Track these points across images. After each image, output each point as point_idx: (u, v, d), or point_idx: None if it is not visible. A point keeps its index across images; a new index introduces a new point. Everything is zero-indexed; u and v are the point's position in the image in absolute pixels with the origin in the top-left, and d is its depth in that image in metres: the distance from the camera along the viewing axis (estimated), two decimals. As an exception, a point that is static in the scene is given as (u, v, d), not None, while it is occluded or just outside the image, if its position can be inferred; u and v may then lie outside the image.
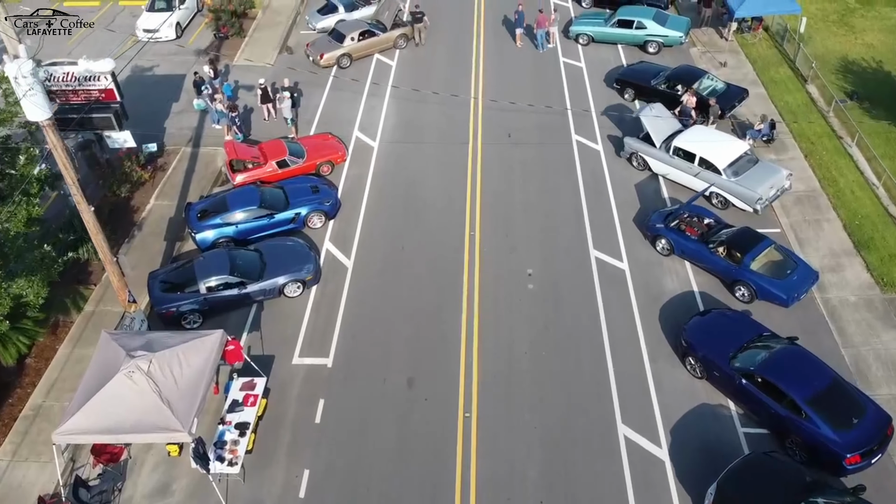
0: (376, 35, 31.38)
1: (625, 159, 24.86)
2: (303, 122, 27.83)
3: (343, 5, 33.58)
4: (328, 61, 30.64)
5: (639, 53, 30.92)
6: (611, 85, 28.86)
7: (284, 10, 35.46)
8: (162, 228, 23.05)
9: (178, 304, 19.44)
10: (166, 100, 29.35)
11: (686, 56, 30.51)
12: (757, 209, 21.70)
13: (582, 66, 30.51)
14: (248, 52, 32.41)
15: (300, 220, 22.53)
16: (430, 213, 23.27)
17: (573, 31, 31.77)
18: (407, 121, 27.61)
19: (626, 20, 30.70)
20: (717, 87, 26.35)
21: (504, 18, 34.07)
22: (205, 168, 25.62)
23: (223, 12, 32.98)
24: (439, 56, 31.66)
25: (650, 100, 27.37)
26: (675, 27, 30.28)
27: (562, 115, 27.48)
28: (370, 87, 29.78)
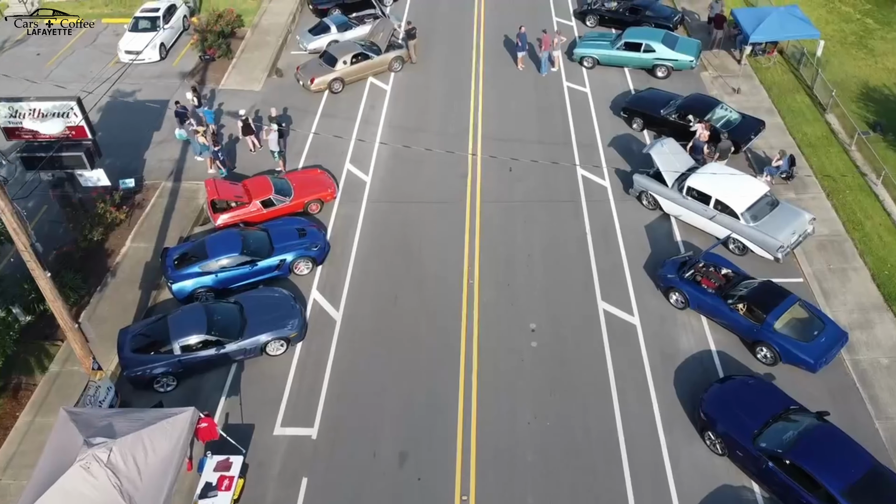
0: (370, 58, 29.77)
1: (634, 197, 23.26)
2: (291, 153, 26.22)
3: (335, 25, 31.98)
4: (319, 86, 29.04)
5: (646, 77, 29.32)
6: (618, 113, 27.24)
7: (274, 29, 33.84)
8: (137, 275, 21.44)
9: (149, 366, 17.83)
10: (147, 128, 27.72)
11: (697, 81, 28.90)
12: (778, 258, 20.10)
13: (587, 91, 28.89)
14: (236, 75, 30.79)
15: (285, 267, 20.93)
16: (425, 257, 21.66)
17: (577, 53, 30.15)
18: (402, 151, 25.95)
19: (633, 43, 29.08)
20: (732, 118, 24.75)
21: (505, 38, 32.45)
22: (186, 205, 24.00)
23: (209, 33, 31.36)
24: (437, 79, 30.04)
25: (660, 130, 25.89)
26: (686, 50, 28.66)
27: (566, 145, 25.89)
28: (363, 113, 28.18)
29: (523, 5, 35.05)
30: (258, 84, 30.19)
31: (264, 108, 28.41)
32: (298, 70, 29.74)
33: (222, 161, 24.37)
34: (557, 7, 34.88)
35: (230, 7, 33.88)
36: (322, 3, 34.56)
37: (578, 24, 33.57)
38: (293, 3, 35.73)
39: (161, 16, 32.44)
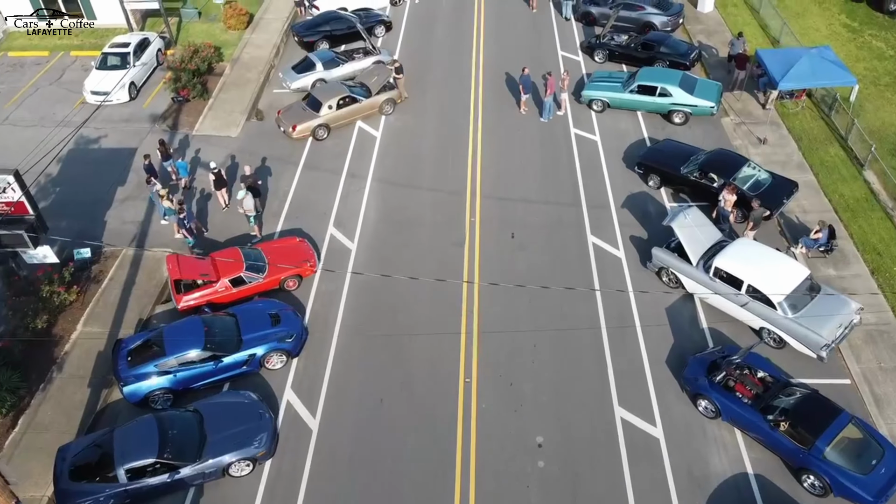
0: (359, 101, 27.08)
1: (653, 272, 20.61)
2: (269, 213, 23.56)
3: (321, 62, 29.28)
4: (302, 133, 26.36)
5: (662, 122, 26.65)
6: (631, 166, 24.57)
7: (256, 65, 31.14)
8: (88, 368, 18.77)
9: (89, 499, 15.17)
10: (111, 182, 25.05)
11: (718, 128, 26.23)
12: (822, 357, 17.44)
13: (597, 139, 26.21)
14: (212, 118, 28.08)
15: (255, 362, 18.28)
16: (416, 348, 18.99)
17: (586, 96, 27.47)
18: (392, 213, 23.33)
19: (647, 86, 26.39)
20: (761, 178, 22.09)
21: (506, 76, 29.77)
22: (148, 279, 21.32)
23: (183, 72, 28.66)
24: (431, 124, 27.35)
25: (679, 189, 23.23)
26: (706, 95, 25.98)
27: (575, 206, 23.22)
28: (350, 165, 25.50)
29: (526, 38, 32.40)
30: (236, 129, 27.50)
31: (241, 156, 25.81)
32: (280, 114, 27.05)
33: (189, 229, 21.67)
34: (563, 40, 32.20)
35: (207, 41, 31.19)
36: (307, 35, 31.90)
37: (586, 60, 30.88)
38: (277, 36, 33.05)
39: (132, 52, 29.72)
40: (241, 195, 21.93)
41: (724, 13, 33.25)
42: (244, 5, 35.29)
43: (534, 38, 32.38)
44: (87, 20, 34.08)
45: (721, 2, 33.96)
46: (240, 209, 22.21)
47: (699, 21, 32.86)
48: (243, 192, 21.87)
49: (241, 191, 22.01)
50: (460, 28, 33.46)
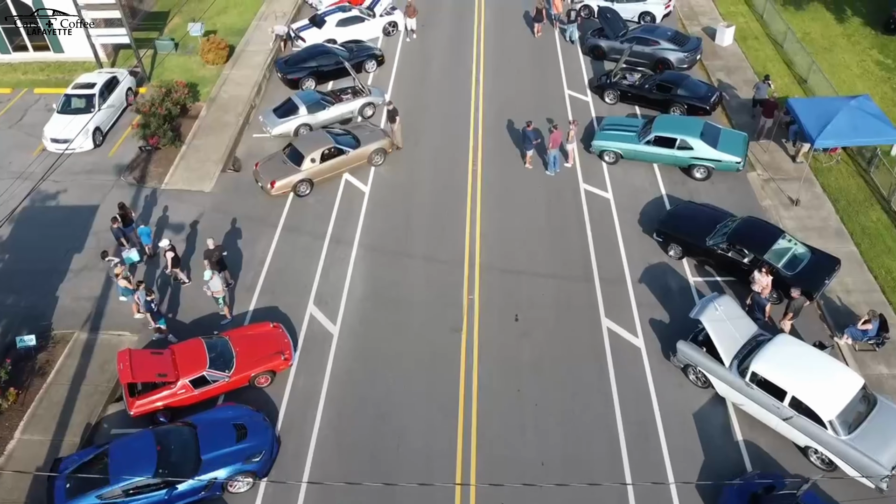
0: (346, 153, 24.44)
1: (678, 367, 17.98)
2: (242, 287, 20.95)
3: (306, 105, 26.61)
4: (281, 190, 23.74)
5: (681, 176, 24.03)
6: (649, 229, 21.96)
7: (235, 105, 28.50)
8: (22, 490, 16.14)
9: None
10: (67, 247, 22.45)
11: (743, 184, 23.60)
12: (882, 489, 14.81)
13: (609, 196, 23.57)
14: (183, 169, 25.44)
15: (217, 486, 15.65)
16: (404, 464, 16.34)
17: (596, 146, 24.83)
18: (380, 288, 20.69)
19: (665, 138, 23.76)
20: (798, 253, 19.46)
21: (508, 122, 27.12)
22: (100, 371, 18.70)
23: (153, 117, 26.00)
24: (425, 179, 24.70)
25: (703, 261, 20.60)
26: (730, 149, 23.33)
27: (586, 281, 20.59)
28: (335, 227, 22.88)
29: (529, 75, 29.77)
30: (209, 182, 24.86)
31: (213, 216, 23.21)
32: (257, 167, 24.41)
33: (155, 314, 19.00)
34: (570, 78, 29.56)
35: (181, 80, 28.54)
36: (292, 72, 29.27)
37: (595, 100, 28.24)
38: (258, 71, 30.41)
39: (98, 93, 27.06)
40: (207, 276, 19.29)
41: (745, 47, 30.63)
42: (225, 34, 32.74)
43: (538, 76, 29.73)
44: (55, 53, 31.46)
45: (741, 34, 31.34)
46: (207, 291, 19.56)
47: (718, 56, 30.23)
48: (209, 273, 19.24)
49: (207, 271, 19.36)
50: (458, 63, 30.84)
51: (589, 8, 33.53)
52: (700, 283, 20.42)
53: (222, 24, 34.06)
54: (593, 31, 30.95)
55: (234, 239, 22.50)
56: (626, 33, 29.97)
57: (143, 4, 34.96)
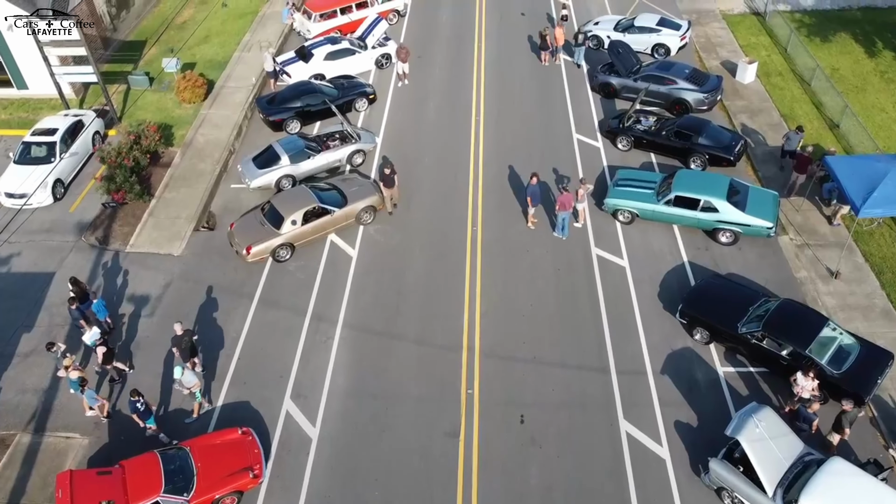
0: (331, 213, 21.95)
1: (710, 489, 15.49)
2: (210, 375, 18.42)
3: (288, 154, 24.10)
4: (258, 256, 21.24)
5: (703, 239, 21.57)
6: (670, 306, 19.50)
7: (211, 151, 25.99)
8: None
9: None
10: (15, 325, 19.96)
11: (774, 251, 21.12)
12: None
13: (624, 263, 21.08)
14: (151, 228, 22.95)
15: None
16: None
17: (609, 204, 22.34)
18: (366, 380, 18.20)
19: (687, 198, 21.27)
20: (845, 344, 16.99)
21: (510, 171, 24.64)
22: (42, 485, 16.22)
23: (119, 168, 23.50)
24: (419, 243, 22.18)
25: (733, 348, 18.12)
26: (761, 211, 20.84)
27: (601, 372, 18.10)
28: (317, 300, 20.40)
29: (534, 117, 27.26)
30: (179, 244, 22.36)
31: (180, 287, 20.73)
32: (232, 228, 21.91)
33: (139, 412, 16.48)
34: (579, 120, 27.05)
35: (153, 124, 26.02)
36: (275, 113, 26.77)
37: (607, 146, 25.75)
38: (239, 111, 27.90)
39: (60, 140, 24.56)
40: (177, 373, 16.76)
41: (769, 85, 28.13)
42: (205, 67, 30.28)
43: (543, 117, 27.23)
44: (18, 90, 28.95)
45: (764, 69, 28.84)
46: (181, 390, 17.09)
47: (739, 95, 27.73)
48: (179, 370, 16.72)
49: (177, 368, 16.81)
50: (456, 101, 28.33)
51: (598, 38, 31.06)
52: (731, 375, 17.94)
53: (202, 55, 31.57)
54: (603, 67, 28.46)
55: (204, 315, 20.02)
56: (639, 69, 27.51)
57: (116, 34, 32.45)
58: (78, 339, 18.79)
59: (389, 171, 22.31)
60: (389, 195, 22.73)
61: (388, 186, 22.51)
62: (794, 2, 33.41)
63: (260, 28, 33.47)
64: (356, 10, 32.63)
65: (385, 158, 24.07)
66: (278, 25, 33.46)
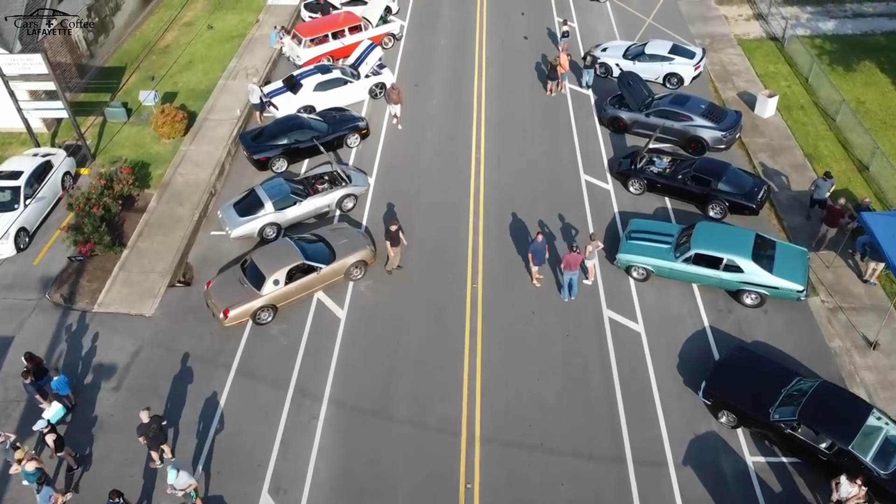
0: (318, 271, 20.03)
1: None
2: (180, 459, 16.48)
3: (272, 200, 22.20)
4: (237, 320, 19.32)
5: (726, 300, 19.67)
6: (691, 380, 17.64)
7: (191, 193, 24.07)
8: None
9: None
10: (-33, 401, 18.06)
11: (804, 314, 19.21)
12: None
13: (639, 329, 19.16)
14: (122, 284, 21.03)
15: None
16: None
17: (622, 260, 20.44)
18: (353, 472, 16.28)
19: (708, 256, 19.35)
20: (893, 437, 15.07)
21: (512, 220, 22.74)
22: None
23: (87, 217, 21.59)
24: (415, 301, 20.28)
25: (764, 434, 16.21)
26: (790, 272, 18.92)
27: (617, 462, 16.18)
28: (300, 371, 18.50)
29: (539, 157, 25.36)
30: (152, 303, 20.44)
31: (151, 354, 18.79)
32: (209, 288, 19.98)
33: None
34: (587, 159, 25.15)
35: (131, 156, 24.16)
36: (260, 151, 24.86)
37: (617, 188, 23.85)
38: (222, 147, 25.98)
39: (25, 183, 22.64)
40: (171, 478, 14.71)
41: (790, 120, 26.21)
42: (186, 97, 28.40)
43: (549, 155, 25.32)
44: (-16, 123, 27.02)
45: (784, 102, 26.93)
46: (177, 493, 15.14)
47: (759, 131, 25.82)
48: (174, 474, 14.66)
49: (171, 471, 14.75)
50: (455, 137, 26.42)
51: (606, 66, 29.16)
52: (761, 466, 16.04)
53: (184, 83, 29.65)
54: (612, 100, 26.56)
55: (175, 389, 18.11)
56: (651, 102, 25.62)
57: (93, 60, 30.51)
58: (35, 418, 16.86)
59: (396, 228, 20.20)
60: (394, 255, 20.64)
61: (393, 245, 20.41)
62: (813, 26, 31.51)
63: (247, 53, 31.55)
64: (349, 35, 30.75)
65: (391, 211, 21.83)
66: (267, 50, 31.56)
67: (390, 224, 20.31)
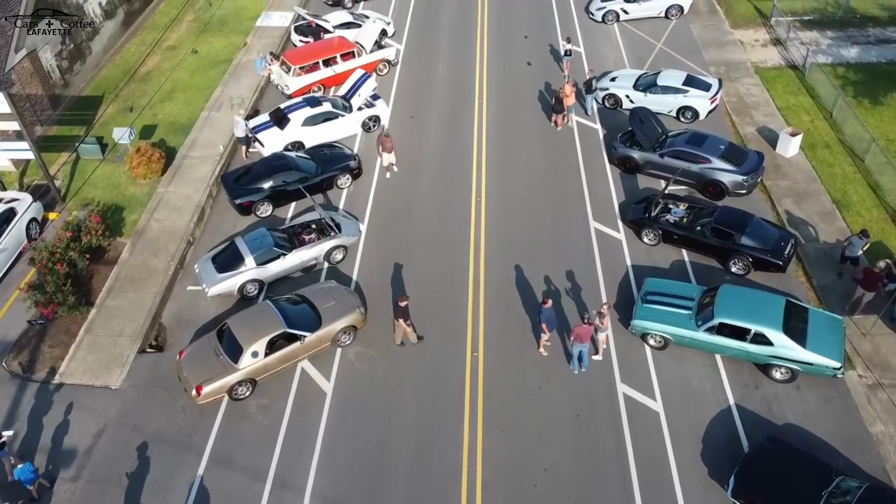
0: (301, 339, 18.12)
1: None
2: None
3: (254, 255, 20.32)
4: (211, 397, 17.43)
5: (752, 373, 17.78)
6: (718, 474, 15.73)
7: (167, 242, 22.18)
8: None
9: None
10: None
11: (840, 392, 17.32)
12: None
13: (657, 408, 17.26)
14: (86, 350, 19.14)
15: None
16: None
17: (638, 327, 18.53)
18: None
19: (733, 326, 17.46)
20: (951, 556, 13.21)
21: (517, 275, 20.84)
22: None
23: (50, 274, 19.69)
24: (409, 372, 18.38)
25: (804, 543, 14.28)
26: (825, 347, 17.01)
27: (635, 574, 14.31)
28: (280, 458, 16.61)
29: (545, 201, 23.44)
30: (119, 371, 18.57)
31: (115, 436, 16.90)
32: (181, 359, 18.07)
33: None
34: (596, 205, 23.23)
35: (97, 211, 22.33)
36: (242, 195, 23.00)
37: (630, 237, 21.96)
38: (202, 190, 24.08)
39: (-17, 234, 20.85)
40: None
41: (815, 160, 24.30)
42: (166, 131, 26.59)
43: (555, 199, 23.42)
44: (-53, 162, 25.12)
45: (808, 140, 25.02)
46: None
47: (782, 172, 23.92)
48: None
49: None
50: (453, 178, 24.54)
51: (615, 98, 27.28)
52: (799, 581, 14.13)
53: (165, 115, 27.75)
54: (623, 137, 24.68)
55: (138, 480, 16.23)
56: (665, 140, 23.76)
57: (68, 89, 28.59)
58: None
59: (405, 304, 18.11)
60: (405, 330, 18.61)
61: (404, 319, 18.31)
62: (835, 53, 29.62)
63: (233, 81, 29.64)
64: (341, 62, 28.88)
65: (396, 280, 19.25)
66: (254, 77, 29.67)
67: (399, 299, 18.16)
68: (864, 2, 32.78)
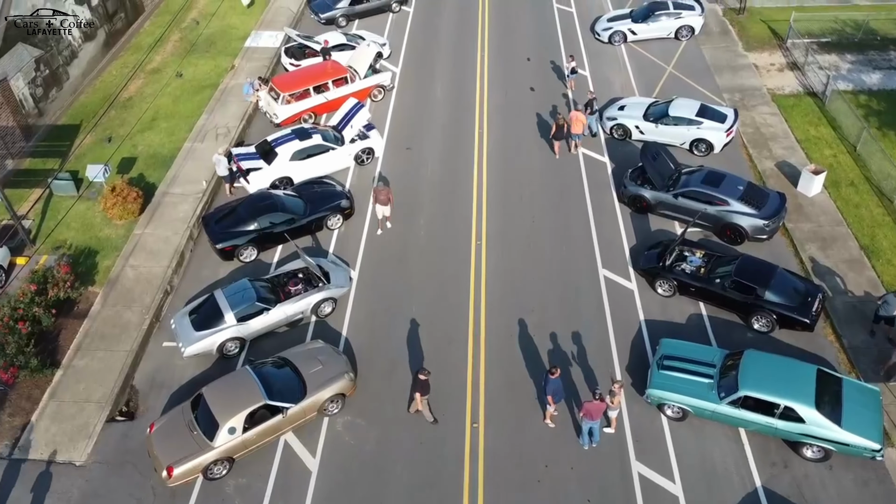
0: (283, 413, 16.45)
1: None
2: None
3: (234, 311, 18.64)
4: (183, 479, 15.77)
5: (780, 449, 16.15)
6: (744, 572, 14.09)
7: (143, 291, 20.49)
8: None
9: None
10: None
11: (879, 475, 15.67)
12: None
13: (676, 489, 15.63)
14: (50, 419, 17.45)
15: None
16: None
17: (654, 396, 16.87)
18: None
19: (759, 401, 15.81)
20: None
21: (521, 338, 19.19)
22: None
23: (11, 334, 18.03)
24: (402, 448, 16.72)
25: None
26: (861, 425, 15.38)
27: None
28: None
29: (549, 246, 21.80)
30: (85, 445, 16.90)
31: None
32: (151, 433, 16.40)
33: None
34: (605, 250, 21.58)
35: (66, 259, 20.67)
36: (224, 239, 21.37)
37: (642, 286, 20.33)
38: (181, 232, 22.41)
39: (-59, 287, 19.18)
40: None
41: (840, 199, 22.68)
42: (146, 165, 24.96)
43: (560, 243, 21.79)
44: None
45: (831, 178, 23.38)
46: None
47: (804, 214, 22.29)
48: None
49: None
50: (451, 219, 22.91)
51: (624, 129, 25.66)
52: None
53: (145, 146, 26.08)
54: (633, 174, 23.08)
55: (102, 577, 14.58)
56: (679, 178, 22.15)
57: (43, 118, 26.92)
58: None
59: (426, 377, 16.35)
60: (421, 403, 16.87)
61: (423, 394, 16.64)
62: (856, 79, 28.00)
63: (219, 108, 27.97)
64: (333, 88, 27.25)
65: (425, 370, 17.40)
66: (241, 105, 28.02)
67: (419, 373, 16.39)
68: (884, 23, 31.17)
